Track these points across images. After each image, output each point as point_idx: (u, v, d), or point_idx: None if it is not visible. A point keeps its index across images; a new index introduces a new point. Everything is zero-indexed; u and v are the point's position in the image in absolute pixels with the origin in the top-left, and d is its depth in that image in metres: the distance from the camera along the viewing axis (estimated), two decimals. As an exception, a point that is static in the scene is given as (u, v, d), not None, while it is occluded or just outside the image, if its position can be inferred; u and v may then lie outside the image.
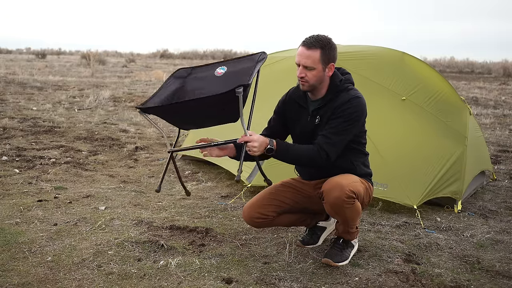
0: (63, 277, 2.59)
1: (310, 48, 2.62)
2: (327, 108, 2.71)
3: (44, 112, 8.06)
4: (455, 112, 4.40)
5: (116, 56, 35.82)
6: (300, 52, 2.65)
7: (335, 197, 2.62)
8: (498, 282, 2.71)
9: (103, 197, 3.95)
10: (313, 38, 2.64)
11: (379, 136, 3.94)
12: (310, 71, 2.64)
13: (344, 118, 2.64)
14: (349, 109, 2.64)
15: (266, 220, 2.87)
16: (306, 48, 2.63)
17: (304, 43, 2.65)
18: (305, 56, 2.63)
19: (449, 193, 3.92)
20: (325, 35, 2.68)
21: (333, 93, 2.71)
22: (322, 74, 2.66)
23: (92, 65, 17.19)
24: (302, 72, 2.66)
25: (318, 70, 2.64)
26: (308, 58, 2.62)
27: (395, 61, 4.49)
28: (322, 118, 2.72)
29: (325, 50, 2.63)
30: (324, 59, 2.64)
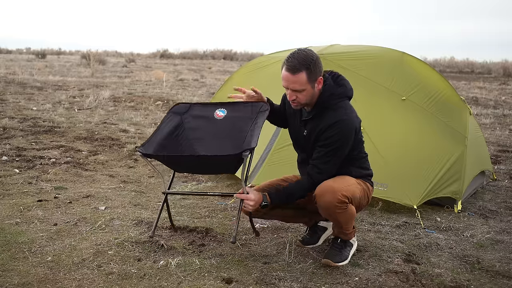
0: (63, 277, 2.59)
1: (295, 72, 2.56)
2: (314, 123, 2.70)
3: (44, 112, 8.06)
4: (455, 112, 4.40)
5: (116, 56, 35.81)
6: (285, 77, 2.60)
7: (327, 202, 2.63)
8: (498, 282, 2.71)
9: (103, 197, 3.95)
10: (295, 59, 2.57)
11: (379, 136, 3.94)
12: (300, 93, 2.62)
13: (330, 147, 2.64)
14: (333, 137, 2.63)
15: (259, 212, 2.89)
16: (291, 74, 2.58)
17: (288, 68, 2.58)
18: (292, 81, 2.58)
19: (449, 193, 3.92)
20: (305, 50, 2.61)
21: (320, 109, 2.68)
22: (312, 91, 2.63)
23: (92, 65, 17.18)
24: (292, 95, 2.64)
25: (308, 90, 2.61)
26: (295, 82, 2.58)
27: (395, 61, 4.49)
28: (309, 133, 2.74)
29: (310, 70, 2.57)
30: (311, 78, 2.59)
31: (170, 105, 9.62)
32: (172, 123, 2.99)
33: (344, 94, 2.71)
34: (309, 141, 2.75)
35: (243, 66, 5.29)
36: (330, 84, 2.69)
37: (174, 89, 12.53)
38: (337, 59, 4.33)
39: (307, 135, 2.75)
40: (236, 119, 2.97)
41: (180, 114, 3.04)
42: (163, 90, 12.01)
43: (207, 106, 3.09)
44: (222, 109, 3.02)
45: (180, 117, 3.03)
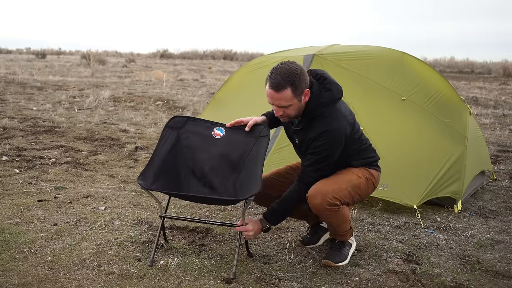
0: (63, 277, 2.59)
1: (280, 90, 2.49)
2: (303, 133, 2.69)
3: (44, 112, 8.06)
4: (455, 112, 4.40)
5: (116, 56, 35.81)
6: (269, 94, 2.54)
7: (317, 204, 2.64)
8: (498, 282, 2.71)
9: (103, 197, 3.95)
10: (279, 76, 2.49)
11: (379, 136, 3.94)
12: (287, 108, 2.57)
13: (320, 155, 2.64)
14: (322, 146, 2.61)
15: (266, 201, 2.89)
16: (275, 91, 2.51)
17: (272, 86, 2.51)
18: (277, 98, 2.53)
19: (449, 193, 3.92)
20: (288, 64, 2.53)
21: (308, 119, 2.65)
22: (299, 104, 2.58)
23: (92, 65, 17.18)
24: (279, 112, 2.60)
25: (295, 104, 2.56)
26: (280, 99, 2.53)
27: (395, 61, 4.49)
28: (300, 142, 2.74)
29: (295, 85, 2.50)
30: (297, 92, 2.52)
31: (170, 105, 9.63)
32: (170, 142, 2.97)
33: (331, 99, 2.62)
34: (301, 149, 2.77)
35: (243, 66, 5.29)
36: (316, 93, 2.60)
37: (174, 89, 12.53)
38: (337, 59, 4.33)
39: (299, 144, 2.76)
40: (235, 141, 2.94)
41: (177, 129, 3.01)
42: (163, 90, 12.01)
43: (205, 122, 3.05)
44: (221, 128, 3.00)
45: (177, 133, 3.00)
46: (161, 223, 2.91)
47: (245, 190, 2.75)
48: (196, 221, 3.22)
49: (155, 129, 7.01)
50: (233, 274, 2.63)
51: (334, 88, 2.64)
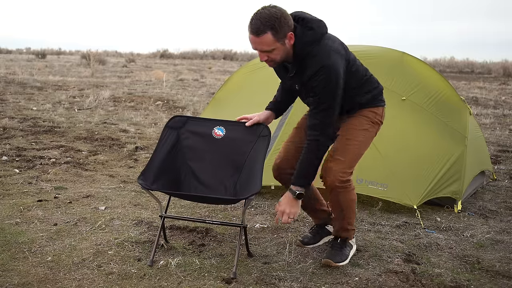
0: (63, 277, 2.59)
1: (260, 34, 2.41)
2: (299, 77, 2.59)
3: (44, 112, 8.06)
4: (455, 112, 4.40)
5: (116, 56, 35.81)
6: (251, 40, 2.46)
7: (329, 181, 2.66)
8: (498, 282, 2.71)
9: (103, 197, 3.95)
10: (258, 20, 2.41)
11: (379, 136, 3.92)
12: (271, 53, 2.48)
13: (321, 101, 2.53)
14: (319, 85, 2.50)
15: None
16: (255, 36, 2.44)
17: (252, 31, 2.44)
18: (258, 43, 2.45)
19: (449, 193, 3.92)
20: (269, 8, 2.44)
21: (298, 62, 2.55)
22: (284, 48, 2.48)
23: (92, 65, 17.18)
24: (263, 57, 2.51)
25: (278, 48, 2.46)
26: (262, 44, 2.44)
27: (395, 61, 4.49)
28: (300, 86, 2.64)
29: (275, 29, 2.41)
30: (278, 36, 2.43)
31: (170, 105, 9.63)
32: (170, 142, 2.97)
33: (314, 38, 2.51)
34: (303, 94, 2.69)
35: (243, 66, 5.29)
36: (300, 35, 2.50)
37: (174, 89, 12.53)
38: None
39: (300, 89, 2.66)
40: (235, 141, 2.93)
41: (177, 129, 3.00)
42: (163, 90, 12.01)
43: (205, 122, 3.05)
44: (221, 127, 2.99)
45: (177, 133, 3.00)
46: (161, 223, 2.91)
47: (245, 190, 2.75)
48: (196, 220, 3.22)
49: (155, 129, 7.02)
50: (233, 274, 2.63)
51: (315, 25, 2.54)
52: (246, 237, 2.94)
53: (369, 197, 4.08)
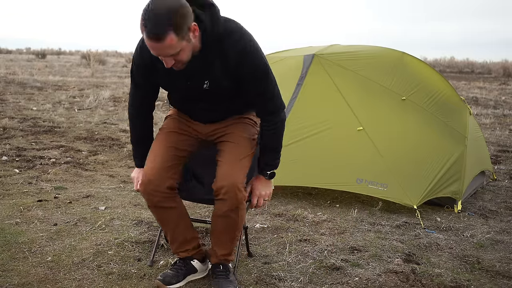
0: (63, 277, 2.59)
1: (161, 39, 1.96)
2: (213, 69, 2.21)
3: (44, 112, 8.06)
4: (455, 112, 4.40)
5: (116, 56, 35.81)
6: (151, 46, 2.01)
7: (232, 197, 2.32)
8: (498, 282, 2.71)
9: (103, 197, 3.95)
10: (156, 20, 1.94)
11: (379, 136, 3.94)
12: (177, 55, 2.06)
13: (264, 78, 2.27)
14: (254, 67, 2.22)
15: (169, 197, 2.43)
16: (156, 42, 1.98)
17: (151, 36, 1.97)
18: (162, 48, 2.00)
19: (449, 193, 3.92)
20: (162, 1, 1.96)
21: (212, 44, 2.15)
22: (190, 44, 2.07)
23: (92, 65, 17.18)
24: (169, 61, 2.08)
25: (185, 47, 2.05)
26: (167, 49, 2.01)
27: (395, 61, 4.49)
28: (211, 83, 2.25)
29: (177, 25, 1.97)
30: (182, 33, 2.00)
31: (170, 105, 9.62)
32: None
33: (214, 16, 2.14)
34: (215, 92, 2.29)
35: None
36: (204, 19, 2.11)
37: (174, 89, 12.52)
38: (337, 59, 4.33)
39: (210, 86, 2.26)
40: None
41: None
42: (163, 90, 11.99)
43: None
44: None
45: None
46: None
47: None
48: (196, 221, 3.21)
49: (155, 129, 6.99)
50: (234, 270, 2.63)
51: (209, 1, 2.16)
52: (246, 238, 2.94)
53: (369, 197, 4.08)
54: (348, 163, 3.89)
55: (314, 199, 4.13)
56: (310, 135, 3.98)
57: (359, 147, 3.91)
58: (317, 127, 4.02)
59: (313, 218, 3.60)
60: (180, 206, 2.53)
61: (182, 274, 2.55)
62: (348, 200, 4.09)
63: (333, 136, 3.99)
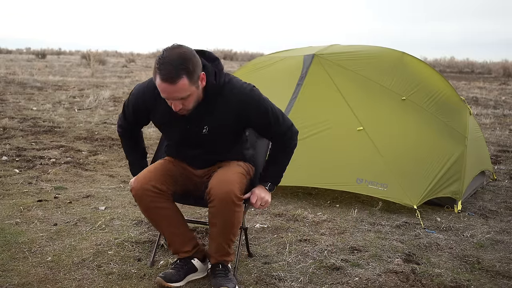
0: (63, 277, 2.59)
1: (175, 82, 2.15)
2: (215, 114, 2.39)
3: (44, 112, 8.06)
4: (455, 112, 4.40)
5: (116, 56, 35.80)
6: (164, 89, 2.19)
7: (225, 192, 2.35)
8: (498, 282, 2.71)
9: (103, 197, 3.95)
10: (170, 65, 2.15)
11: (379, 136, 3.95)
12: (186, 100, 2.25)
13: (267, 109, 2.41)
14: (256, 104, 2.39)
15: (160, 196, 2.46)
16: (169, 84, 2.16)
17: (164, 78, 2.15)
18: (173, 91, 2.18)
19: (449, 193, 3.92)
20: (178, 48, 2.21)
21: (214, 93, 2.35)
22: (197, 92, 2.28)
23: (92, 65, 17.18)
24: (177, 105, 2.25)
25: (193, 93, 2.25)
26: (177, 92, 2.19)
27: (395, 61, 4.50)
28: (211, 128, 2.42)
29: (189, 72, 2.18)
30: (193, 79, 2.21)
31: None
32: None
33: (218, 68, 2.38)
34: (213, 135, 2.45)
35: (243, 66, 5.29)
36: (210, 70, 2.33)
37: (174, 89, 12.51)
38: (337, 59, 4.34)
39: (208, 132, 2.42)
40: None
41: None
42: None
43: None
44: None
45: None
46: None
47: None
48: (197, 222, 3.21)
49: (155, 129, 7.01)
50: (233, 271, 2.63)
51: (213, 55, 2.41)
52: (246, 238, 2.94)
53: (369, 197, 4.08)
54: (348, 163, 3.89)
55: (314, 199, 4.13)
56: (310, 135, 3.99)
57: (359, 147, 3.92)
58: (317, 127, 4.02)
59: (313, 218, 3.60)
60: (173, 207, 2.57)
61: (183, 273, 2.57)
62: (348, 200, 4.09)
63: (333, 136, 3.99)
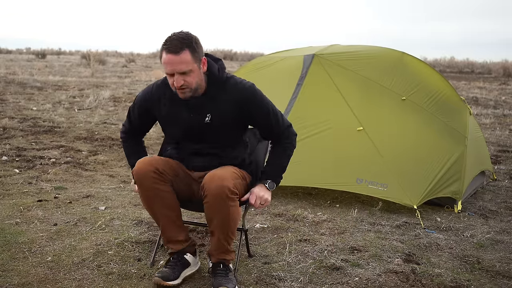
0: (63, 277, 2.59)
1: (178, 52, 2.34)
2: (217, 103, 2.49)
3: (44, 112, 8.06)
4: (455, 112, 4.40)
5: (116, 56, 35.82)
6: (168, 60, 2.36)
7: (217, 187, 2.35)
8: (498, 282, 2.71)
9: (103, 197, 3.95)
10: (175, 40, 2.36)
11: (379, 136, 3.95)
12: (187, 76, 2.38)
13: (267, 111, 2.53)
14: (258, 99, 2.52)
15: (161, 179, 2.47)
16: (173, 54, 2.35)
17: (170, 50, 2.35)
18: (177, 62, 2.35)
19: (449, 193, 3.92)
20: (182, 31, 2.42)
21: (217, 85, 2.50)
22: (199, 73, 2.42)
23: (92, 65, 17.18)
24: (179, 80, 2.37)
25: (195, 71, 2.40)
26: (181, 63, 2.35)
27: (395, 61, 4.50)
28: (214, 117, 2.50)
29: (192, 48, 2.38)
30: (196, 56, 2.39)
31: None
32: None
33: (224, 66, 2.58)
34: (216, 125, 2.52)
35: (243, 66, 5.29)
36: (211, 63, 2.51)
37: (174, 89, 12.51)
38: (337, 59, 4.34)
39: (211, 121, 2.51)
40: None
41: None
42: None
43: None
44: None
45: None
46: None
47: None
48: (198, 224, 3.20)
49: (155, 129, 7.00)
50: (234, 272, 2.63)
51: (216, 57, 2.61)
52: (246, 240, 2.94)
53: (369, 197, 4.08)
54: (348, 163, 3.89)
55: (314, 199, 4.13)
56: (310, 135, 3.98)
57: (359, 147, 3.92)
58: (317, 127, 4.02)
59: (313, 218, 3.60)
60: (172, 192, 2.55)
61: (178, 269, 2.57)
62: (348, 200, 4.09)
63: (333, 136, 3.99)
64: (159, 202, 2.52)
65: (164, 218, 2.57)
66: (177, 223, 2.60)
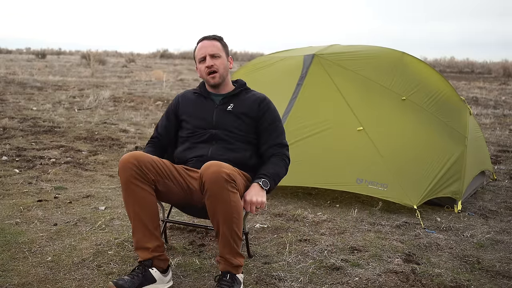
0: (63, 277, 2.58)
1: (211, 39, 2.78)
2: (240, 99, 2.81)
3: (44, 112, 8.06)
4: (455, 112, 4.40)
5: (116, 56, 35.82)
6: (202, 45, 2.77)
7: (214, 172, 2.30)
8: (498, 282, 2.71)
9: (103, 197, 3.95)
10: (208, 35, 2.82)
11: (378, 136, 3.94)
12: (217, 59, 2.74)
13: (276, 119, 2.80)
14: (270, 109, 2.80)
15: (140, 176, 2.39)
16: (207, 40, 2.78)
17: (204, 38, 2.81)
18: (210, 45, 2.75)
19: (449, 193, 3.92)
20: None
21: (242, 88, 2.86)
22: (227, 63, 2.79)
23: (92, 65, 17.19)
24: (210, 62, 2.72)
25: (223, 59, 2.77)
26: (213, 46, 2.75)
27: (395, 61, 4.50)
28: (236, 107, 2.78)
29: (223, 42, 2.82)
30: (225, 49, 2.82)
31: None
32: None
33: None
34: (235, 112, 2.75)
35: (243, 66, 5.29)
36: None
37: (174, 89, 12.53)
38: (337, 59, 4.33)
39: (232, 109, 2.77)
40: None
41: None
42: (163, 90, 12.00)
43: None
44: None
45: None
46: (163, 227, 2.91)
47: None
48: (198, 226, 3.18)
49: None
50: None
51: None
52: (247, 241, 2.94)
53: (369, 197, 4.08)
54: (348, 163, 3.89)
55: (314, 199, 4.13)
56: (310, 135, 3.99)
57: (359, 147, 3.92)
58: (317, 127, 4.03)
59: (313, 218, 3.60)
60: (152, 196, 2.44)
61: (138, 281, 2.36)
62: (348, 200, 4.09)
63: (333, 136, 3.99)
64: (132, 198, 2.40)
65: (135, 217, 2.42)
66: (149, 228, 2.42)
